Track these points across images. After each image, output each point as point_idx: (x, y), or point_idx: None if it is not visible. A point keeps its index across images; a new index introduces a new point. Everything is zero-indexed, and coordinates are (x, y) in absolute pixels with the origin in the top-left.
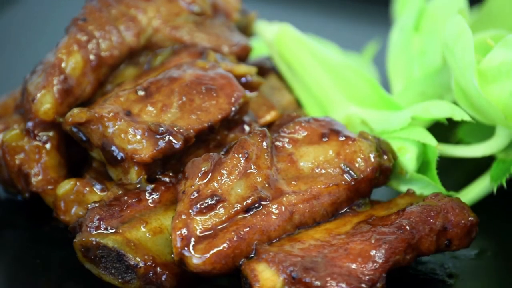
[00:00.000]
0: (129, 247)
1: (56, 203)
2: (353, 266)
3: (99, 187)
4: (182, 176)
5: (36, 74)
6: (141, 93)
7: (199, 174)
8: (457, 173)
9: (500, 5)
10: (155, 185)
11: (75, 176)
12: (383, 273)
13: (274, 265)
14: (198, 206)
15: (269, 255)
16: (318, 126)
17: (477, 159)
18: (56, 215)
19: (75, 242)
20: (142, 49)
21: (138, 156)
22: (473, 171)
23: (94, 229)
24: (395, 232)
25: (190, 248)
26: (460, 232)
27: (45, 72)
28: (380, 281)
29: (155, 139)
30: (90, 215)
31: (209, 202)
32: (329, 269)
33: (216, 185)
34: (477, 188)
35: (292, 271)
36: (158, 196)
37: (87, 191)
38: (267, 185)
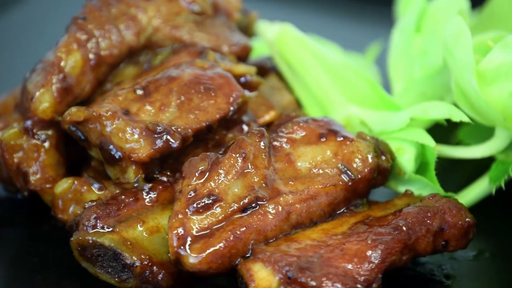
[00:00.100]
0: (125, 246)
1: (54, 202)
2: (349, 266)
3: (97, 186)
4: (179, 175)
5: (35, 72)
6: (139, 92)
7: (196, 174)
8: (457, 174)
9: (502, 6)
10: (153, 184)
11: (74, 175)
12: (379, 273)
13: (270, 265)
14: (195, 205)
15: (265, 255)
16: (316, 126)
17: (478, 160)
18: (54, 213)
19: (71, 240)
20: (142, 48)
21: (135, 155)
22: (473, 172)
23: (90, 228)
24: (391, 232)
25: (186, 247)
26: (457, 233)
27: (44, 70)
28: (376, 281)
29: (153, 138)
30: (87, 214)
31: (206, 202)
32: (325, 269)
33: (213, 184)
34: (476, 190)
35: (288, 271)
36: (155, 195)
37: (85, 190)
38: (264, 185)
